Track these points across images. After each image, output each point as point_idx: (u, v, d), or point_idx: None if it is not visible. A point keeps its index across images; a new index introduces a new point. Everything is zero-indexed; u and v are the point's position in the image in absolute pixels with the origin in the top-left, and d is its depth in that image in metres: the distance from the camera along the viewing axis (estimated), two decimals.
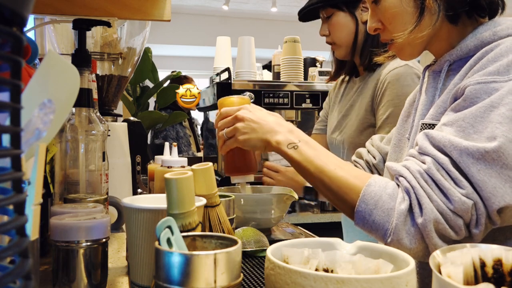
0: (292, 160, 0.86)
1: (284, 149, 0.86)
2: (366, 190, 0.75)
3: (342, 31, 1.46)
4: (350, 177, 0.79)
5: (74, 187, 0.87)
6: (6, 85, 0.26)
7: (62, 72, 0.57)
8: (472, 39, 0.82)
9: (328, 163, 0.82)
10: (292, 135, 0.88)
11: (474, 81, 0.73)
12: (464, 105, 0.74)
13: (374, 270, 0.50)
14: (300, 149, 0.85)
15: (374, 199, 0.74)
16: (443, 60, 0.87)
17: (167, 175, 0.55)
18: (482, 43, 0.80)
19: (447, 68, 0.85)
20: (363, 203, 0.75)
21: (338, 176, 0.79)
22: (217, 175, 2.29)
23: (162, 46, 6.08)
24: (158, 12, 1.13)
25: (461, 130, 0.71)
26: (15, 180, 0.27)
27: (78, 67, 0.69)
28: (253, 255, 0.97)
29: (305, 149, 0.85)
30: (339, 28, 1.46)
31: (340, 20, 1.46)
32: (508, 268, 0.44)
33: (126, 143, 1.31)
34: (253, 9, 6.07)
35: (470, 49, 0.82)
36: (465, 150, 0.68)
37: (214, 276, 0.45)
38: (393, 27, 0.88)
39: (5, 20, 0.26)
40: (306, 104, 2.18)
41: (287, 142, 0.86)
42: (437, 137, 0.72)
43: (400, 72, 1.34)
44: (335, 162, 0.82)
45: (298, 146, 0.85)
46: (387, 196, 0.74)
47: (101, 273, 0.67)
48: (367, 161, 1.16)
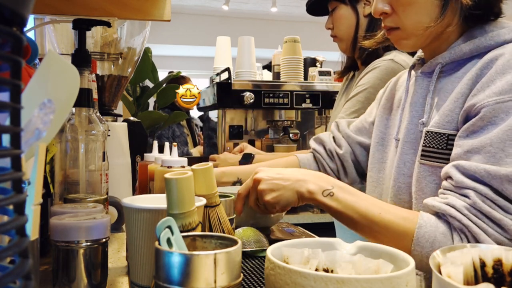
0: (330, 209, 0.80)
1: (319, 198, 0.80)
2: (419, 233, 0.73)
3: (343, 24, 1.47)
4: (398, 219, 0.75)
5: (74, 187, 0.87)
6: (6, 85, 0.26)
7: (62, 72, 0.57)
8: (467, 43, 0.82)
9: (371, 208, 0.77)
10: (322, 182, 0.82)
11: (491, 101, 0.72)
12: (481, 125, 0.73)
13: (374, 270, 0.50)
14: (337, 196, 0.79)
15: (429, 241, 0.72)
16: (435, 62, 0.86)
17: (167, 175, 0.55)
18: (477, 47, 0.80)
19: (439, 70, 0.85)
20: (418, 247, 0.72)
21: (386, 220, 0.75)
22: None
23: (162, 46, 6.07)
24: (158, 12, 1.13)
25: (491, 156, 0.70)
26: (15, 180, 0.27)
27: (78, 67, 0.69)
28: (253, 255, 0.96)
29: (342, 195, 0.79)
30: (341, 21, 1.47)
31: (342, 13, 1.47)
32: (508, 268, 0.44)
33: (126, 143, 1.31)
34: (253, 9, 6.07)
35: (465, 53, 0.82)
36: (506, 177, 0.68)
37: (214, 276, 0.45)
38: (406, 15, 0.84)
39: (5, 20, 0.26)
40: (306, 104, 2.18)
41: (320, 190, 0.81)
42: (470, 168, 0.71)
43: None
44: (376, 205, 0.78)
45: (334, 192, 0.80)
46: (441, 235, 0.72)
47: (101, 273, 0.67)
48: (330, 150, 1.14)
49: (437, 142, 0.81)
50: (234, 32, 3.15)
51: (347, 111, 1.36)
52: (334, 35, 1.52)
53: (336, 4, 1.47)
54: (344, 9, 1.47)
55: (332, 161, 1.14)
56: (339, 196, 0.79)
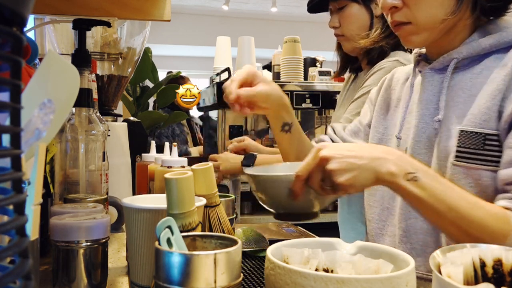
0: (412, 196, 0.69)
1: (400, 182, 0.69)
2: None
3: (355, 24, 1.43)
4: (491, 219, 0.69)
5: (74, 187, 0.87)
6: (6, 85, 0.26)
7: (62, 72, 0.57)
8: (485, 38, 0.80)
9: (459, 201, 0.69)
10: (405, 163, 0.71)
11: None
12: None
13: (374, 270, 0.50)
14: (422, 182, 0.69)
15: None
16: (449, 57, 0.83)
17: (167, 175, 0.55)
18: (498, 42, 0.79)
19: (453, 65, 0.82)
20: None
21: (477, 218, 0.68)
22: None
23: (162, 46, 6.07)
24: (158, 12, 1.13)
25: None
26: (15, 180, 0.27)
27: (78, 67, 0.69)
28: (253, 255, 0.97)
29: (427, 181, 0.69)
30: (352, 20, 1.43)
31: (354, 12, 1.43)
32: (508, 268, 0.44)
33: (126, 143, 1.31)
34: (253, 9, 6.07)
35: (484, 48, 0.80)
36: None
37: (214, 276, 0.45)
38: (418, 8, 0.81)
39: (5, 20, 0.26)
40: (306, 104, 2.18)
41: (403, 173, 0.69)
42: None
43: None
44: (463, 197, 0.70)
45: (419, 177, 0.69)
46: None
47: (101, 273, 0.67)
48: None
49: (473, 142, 0.77)
50: (234, 32, 3.15)
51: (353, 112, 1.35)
52: (341, 34, 1.47)
53: (346, 3, 1.43)
54: (357, 8, 1.42)
55: None
56: (424, 182, 0.69)
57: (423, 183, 0.68)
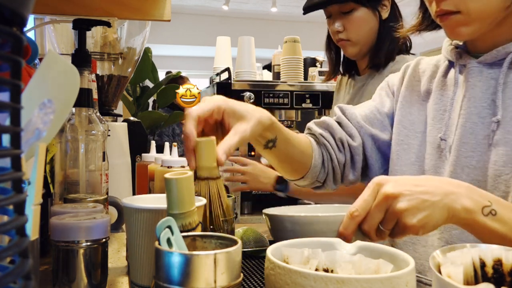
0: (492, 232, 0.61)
1: (478, 218, 0.60)
2: None
3: (363, 28, 1.38)
4: None
5: (74, 187, 0.87)
6: (6, 85, 0.26)
7: (62, 72, 0.57)
8: None
9: None
10: (476, 195, 0.62)
11: None
12: None
13: (374, 270, 0.50)
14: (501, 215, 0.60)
15: None
16: (504, 51, 0.76)
17: (167, 175, 0.55)
18: None
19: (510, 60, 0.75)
20: None
21: None
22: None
23: (162, 46, 6.08)
24: (158, 12, 1.13)
25: None
26: (15, 180, 0.27)
27: (78, 67, 0.69)
28: (253, 255, 0.96)
29: (506, 214, 0.61)
30: (360, 24, 1.38)
31: (362, 16, 1.38)
32: (508, 268, 0.44)
33: (126, 143, 1.31)
34: (253, 9, 6.07)
35: None
36: None
37: (214, 276, 0.45)
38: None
39: (5, 20, 0.26)
40: (306, 104, 2.18)
41: (479, 207, 0.61)
42: None
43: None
44: None
45: (496, 210, 0.61)
46: None
47: (101, 273, 0.67)
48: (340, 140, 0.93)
49: None
50: (234, 32, 3.15)
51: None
52: (346, 38, 1.40)
53: (354, 6, 1.37)
54: (365, 12, 1.38)
55: (341, 153, 0.95)
56: (503, 215, 0.60)
57: (502, 216, 0.61)
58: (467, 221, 0.61)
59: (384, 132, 0.94)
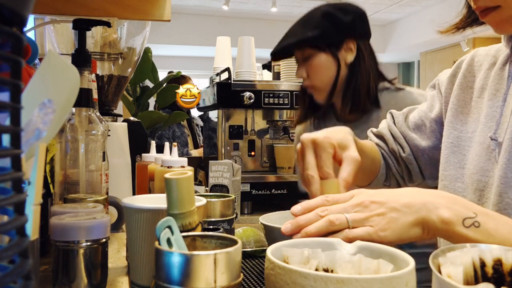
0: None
1: (459, 230, 0.57)
2: None
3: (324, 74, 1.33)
4: None
5: (74, 187, 0.87)
6: (6, 85, 0.26)
7: (62, 72, 0.57)
8: None
9: None
10: (459, 206, 0.58)
11: None
12: None
13: (374, 270, 0.50)
14: (486, 227, 0.56)
15: None
16: None
17: (167, 175, 0.55)
18: None
19: None
20: None
21: None
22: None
23: (162, 46, 6.08)
24: (158, 12, 1.13)
25: None
26: (15, 180, 0.27)
27: (78, 67, 0.69)
28: (253, 255, 0.97)
29: (491, 226, 0.56)
30: (320, 70, 1.33)
31: (321, 62, 1.33)
32: (508, 268, 0.44)
33: (126, 143, 1.31)
34: (253, 9, 6.06)
35: None
36: None
37: (214, 276, 0.45)
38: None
39: (5, 20, 0.26)
40: None
41: (460, 218, 0.57)
42: None
43: None
44: None
45: (480, 222, 0.56)
46: None
47: (101, 273, 0.67)
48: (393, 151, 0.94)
49: None
50: (234, 32, 3.15)
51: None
52: (310, 85, 1.36)
53: (312, 52, 1.33)
54: (324, 58, 1.32)
55: (398, 163, 0.94)
56: (488, 227, 0.56)
57: (486, 228, 0.56)
58: (446, 232, 0.58)
59: (431, 138, 0.91)
